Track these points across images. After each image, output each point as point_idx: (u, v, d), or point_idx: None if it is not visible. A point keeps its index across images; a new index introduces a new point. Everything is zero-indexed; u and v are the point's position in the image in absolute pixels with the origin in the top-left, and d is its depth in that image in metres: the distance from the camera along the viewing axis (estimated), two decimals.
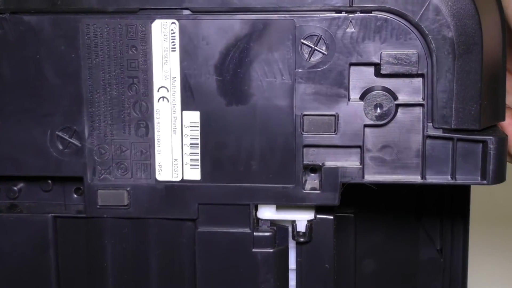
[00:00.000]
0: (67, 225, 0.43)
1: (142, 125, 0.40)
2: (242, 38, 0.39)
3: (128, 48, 0.39)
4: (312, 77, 0.39)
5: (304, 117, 0.39)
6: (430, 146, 0.39)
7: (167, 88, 0.40)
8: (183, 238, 0.42)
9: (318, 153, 0.40)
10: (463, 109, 0.38)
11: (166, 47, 0.39)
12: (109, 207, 0.41)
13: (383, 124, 0.39)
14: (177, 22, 0.39)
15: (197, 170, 0.40)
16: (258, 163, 0.40)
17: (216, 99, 0.39)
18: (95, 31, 0.39)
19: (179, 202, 0.41)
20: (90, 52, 0.40)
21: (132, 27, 0.39)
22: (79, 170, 0.41)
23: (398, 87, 0.39)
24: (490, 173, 0.38)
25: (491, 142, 0.38)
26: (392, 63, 0.38)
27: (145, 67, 0.40)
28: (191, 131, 0.40)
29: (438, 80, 0.38)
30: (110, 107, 0.40)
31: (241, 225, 0.41)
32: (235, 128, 0.40)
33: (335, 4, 0.38)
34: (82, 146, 0.41)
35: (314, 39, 0.38)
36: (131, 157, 0.41)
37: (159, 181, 0.41)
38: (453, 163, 0.39)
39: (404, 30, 0.38)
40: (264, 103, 0.39)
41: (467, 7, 0.37)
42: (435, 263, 0.49)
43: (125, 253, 0.42)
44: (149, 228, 0.42)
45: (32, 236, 0.43)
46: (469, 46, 0.37)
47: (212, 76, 0.39)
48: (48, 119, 0.41)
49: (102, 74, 0.40)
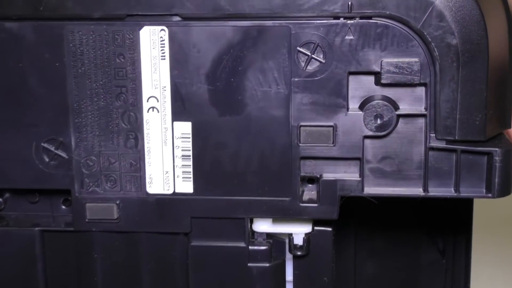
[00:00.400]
0: (55, 238, 0.41)
1: (131, 136, 0.38)
2: (235, 46, 0.37)
3: (115, 56, 0.37)
4: (309, 86, 0.37)
5: (300, 128, 0.37)
6: (433, 157, 0.37)
7: (157, 98, 0.38)
8: (176, 252, 0.40)
9: (315, 165, 0.38)
10: (467, 119, 0.36)
11: (155, 55, 0.37)
12: (98, 221, 0.40)
13: (384, 135, 0.37)
14: (166, 29, 0.37)
15: (190, 183, 0.39)
16: (253, 175, 0.38)
17: (208, 109, 0.38)
18: (81, 38, 0.37)
19: (171, 215, 0.39)
20: (75, 60, 0.38)
21: (119, 34, 0.37)
22: (66, 183, 0.39)
23: (399, 97, 0.37)
24: (496, 186, 0.37)
25: (497, 154, 0.36)
26: (393, 72, 0.36)
27: (134, 76, 0.38)
28: (182, 143, 0.38)
29: (442, 90, 0.36)
30: (97, 118, 0.38)
31: (236, 239, 0.40)
32: (229, 140, 0.38)
33: (333, 10, 0.36)
34: (69, 158, 0.39)
35: (311, 46, 0.36)
36: (120, 169, 0.39)
37: (150, 194, 0.39)
38: (456, 176, 0.37)
39: (405, 37, 0.36)
40: (259, 114, 0.37)
41: (473, 13, 0.35)
42: (437, 265, 0.48)
43: (116, 268, 0.41)
44: (141, 242, 0.40)
45: (19, 250, 0.41)
46: (475, 54, 0.35)
47: (204, 86, 0.37)
48: (33, 130, 0.39)
49: (89, 83, 0.38)
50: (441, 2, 0.35)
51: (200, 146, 0.38)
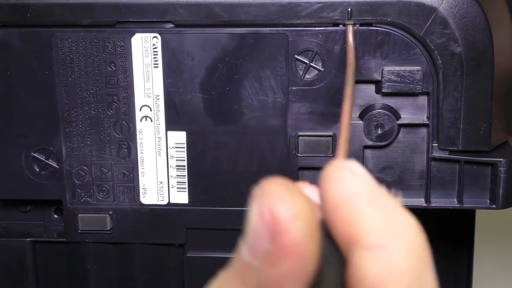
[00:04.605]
0: (47, 249, 0.40)
1: (124, 146, 0.37)
2: (231, 54, 0.35)
3: (106, 64, 0.36)
4: (307, 95, 0.35)
5: (299, 138, 0.36)
6: (435, 168, 0.36)
7: (150, 107, 0.36)
8: (171, 263, 0.39)
9: (314, 175, 0.37)
10: (471, 129, 0.35)
11: (148, 63, 0.36)
12: (91, 232, 0.39)
13: (385, 145, 0.36)
14: (159, 36, 0.35)
15: (185, 193, 0.38)
16: (249, 186, 0.37)
17: (203, 118, 0.36)
18: (70, 45, 0.36)
19: (166, 226, 0.38)
20: (65, 69, 0.36)
21: (110, 41, 0.36)
22: (57, 193, 0.38)
23: (400, 106, 0.36)
24: (500, 197, 0.36)
25: (501, 164, 0.35)
26: (394, 81, 0.35)
27: (126, 85, 0.36)
28: (177, 152, 0.37)
29: (445, 99, 0.35)
30: (89, 127, 0.37)
31: (232, 250, 0.38)
32: (225, 150, 0.37)
33: (332, 16, 0.34)
34: (60, 168, 0.38)
35: (309, 54, 0.35)
36: (113, 180, 0.38)
37: (144, 204, 0.38)
38: (460, 186, 0.36)
39: (407, 45, 0.34)
40: (256, 123, 0.36)
41: (477, 20, 0.34)
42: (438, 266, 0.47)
43: (109, 279, 0.40)
44: (135, 253, 0.39)
45: (10, 261, 0.40)
46: (479, 62, 0.34)
47: (199, 94, 0.36)
48: (22, 139, 0.38)
49: (79, 92, 0.37)
50: (445, 8, 0.33)
51: (195, 156, 0.37)
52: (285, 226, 0.20)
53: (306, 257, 0.20)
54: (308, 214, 0.20)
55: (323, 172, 0.22)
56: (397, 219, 0.21)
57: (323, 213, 0.22)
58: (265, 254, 0.20)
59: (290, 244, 0.20)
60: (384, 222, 0.21)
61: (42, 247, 0.40)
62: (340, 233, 0.21)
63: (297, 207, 0.20)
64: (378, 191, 0.22)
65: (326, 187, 0.22)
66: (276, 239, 0.20)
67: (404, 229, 0.21)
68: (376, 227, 0.21)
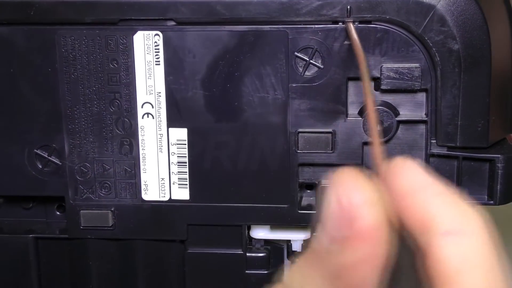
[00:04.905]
0: (50, 245, 0.40)
1: (126, 142, 0.38)
2: (231, 51, 0.36)
3: (108, 62, 0.37)
4: (307, 92, 0.36)
5: (299, 134, 0.36)
6: (434, 164, 0.36)
7: (151, 104, 0.37)
8: (172, 259, 0.40)
9: (314, 171, 0.37)
10: (469, 125, 0.35)
11: (150, 60, 0.36)
12: (93, 228, 0.39)
13: (384, 141, 0.36)
14: (161, 34, 0.36)
15: (186, 190, 0.38)
16: (250, 182, 0.37)
17: (204, 115, 0.37)
18: (73, 43, 0.36)
19: (167, 222, 0.39)
20: (68, 66, 0.37)
21: (112, 39, 0.36)
22: (60, 190, 0.39)
23: (399, 102, 0.36)
24: (498, 193, 0.36)
25: (499, 160, 0.35)
26: (393, 78, 0.35)
27: (128, 82, 0.37)
28: (178, 149, 0.37)
29: (443, 96, 0.35)
30: (91, 124, 0.38)
31: (233, 246, 0.39)
32: (226, 146, 0.37)
33: (332, 14, 0.35)
34: (62, 165, 0.38)
35: (309, 51, 0.35)
36: (115, 176, 0.38)
37: (145, 201, 0.38)
38: (458, 182, 0.36)
39: (406, 42, 0.35)
40: (256, 120, 0.36)
41: (475, 17, 0.34)
42: None
43: (111, 275, 0.40)
44: (136, 249, 0.40)
45: (13, 258, 0.40)
46: (477, 59, 0.34)
47: (200, 91, 0.36)
48: (25, 136, 0.38)
49: (82, 89, 0.37)
50: (443, 6, 0.34)
51: (196, 153, 0.37)
52: (362, 211, 0.21)
53: (381, 242, 0.21)
54: (381, 201, 0.21)
55: (389, 166, 0.23)
56: (467, 210, 0.22)
57: (391, 203, 0.22)
58: (342, 239, 0.21)
59: (366, 229, 0.21)
60: (456, 210, 0.22)
61: (44, 244, 0.40)
62: (412, 221, 0.22)
63: (371, 194, 0.21)
64: (445, 185, 0.23)
65: (395, 179, 0.23)
66: (353, 225, 0.21)
67: (476, 218, 0.22)
68: (450, 214, 0.21)
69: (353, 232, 0.21)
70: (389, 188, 0.23)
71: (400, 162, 0.23)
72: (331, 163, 0.37)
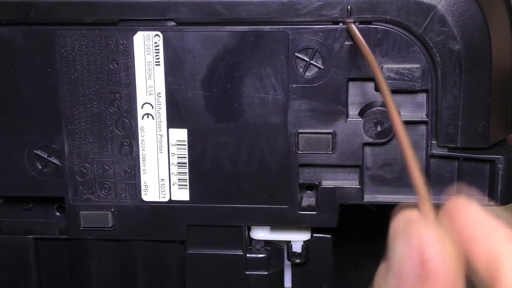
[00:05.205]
0: (49, 246, 0.40)
1: (126, 143, 0.38)
2: (232, 51, 0.36)
3: (108, 62, 0.36)
4: (307, 92, 0.36)
5: (299, 135, 0.36)
6: (434, 165, 0.36)
7: (151, 105, 0.37)
8: (172, 260, 0.40)
9: (314, 172, 0.37)
10: (470, 126, 0.35)
11: (150, 60, 0.36)
12: (92, 229, 0.39)
13: (384, 142, 0.36)
14: (161, 34, 0.36)
15: (186, 191, 0.38)
16: (250, 183, 0.37)
17: (204, 116, 0.37)
18: (73, 43, 0.36)
19: (167, 223, 0.38)
20: (67, 66, 0.37)
21: (112, 39, 0.36)
22: (59, 190, 0.39)
23: (400, 103, 0.36)
24: (499, 193, 0.36)
25: (500, 161, 0.35)
26: (393, 79, 0.35)
27: (128, 82, 0.37)
28: (178, 150, 0.37)
29: (443, 96, 0.35)
30: (91, 124, 0.37)
31: (233, 246, 0.39)
32: (226, 147, 0.37)
33: (332, 14, 0.35)
34: (62, 165, 0.38)
35: (309, 52, 0.35)
36: (114, 177, 0.38)
37: (145, 201, 0.38)
38: (458, 183, 0.36)
39: (406, 43, 0.35)
40: (256, 121, 0.36)
41: (476, 18, 0.34)
42: None
43: (111, 276, 0.40)
44: (136, 250, 0.40)
45: (12, 258, 0.40)
46: (478, 60, 0.34)
47: (200, 92, 0.36)
48: (25, 137, 0.38)
49: (81, 89, 0.37)
50: (443, 6, 0.34)
51: (196, 154, 0.37)
52: (435, 268, 0.21)
53: (455, 280, 0.21)
54: (456, 254, 0.21)
55: (451, 205, 0.24)
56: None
57: (458, 243, 0.22)
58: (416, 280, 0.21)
59: (439, 285, 0.21)
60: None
61: (44, 244, 0.40)
62: (478, 258, 0.22)
63: (444, 248, 0.21)
64: (507, 227, 0.23)
65: (461, 223, 0.23)
66: (426, 279, 0.21)
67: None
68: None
69: (425, 286, 0.21)
70: (457, 232, 0.23)
71: (460, 202, 0.23)
72: (331, 163, 0.37)
